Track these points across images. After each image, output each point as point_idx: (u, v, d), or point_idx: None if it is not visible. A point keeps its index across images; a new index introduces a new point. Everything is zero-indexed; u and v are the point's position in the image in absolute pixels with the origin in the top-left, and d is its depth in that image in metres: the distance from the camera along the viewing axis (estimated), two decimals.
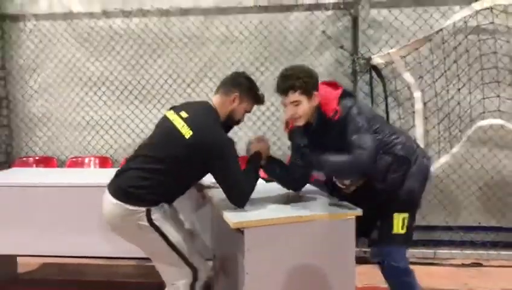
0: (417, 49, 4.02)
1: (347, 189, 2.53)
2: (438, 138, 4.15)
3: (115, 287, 3.74)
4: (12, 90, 4.88)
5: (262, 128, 4.52)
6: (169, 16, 4.57)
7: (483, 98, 4.08)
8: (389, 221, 2.51)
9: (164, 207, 2.49)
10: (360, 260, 3.78)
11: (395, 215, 2.50)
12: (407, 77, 4.05)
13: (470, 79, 4.08)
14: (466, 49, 4.05)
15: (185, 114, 2.49)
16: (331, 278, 2.37)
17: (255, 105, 2.67)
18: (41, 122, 4.87)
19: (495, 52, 4.02)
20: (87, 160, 4.74)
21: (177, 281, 2.50)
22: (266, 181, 3.03)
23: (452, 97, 4.12)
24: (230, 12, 4.49)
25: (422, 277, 2.68)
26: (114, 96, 4.73)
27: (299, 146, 2.66)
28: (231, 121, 2.61)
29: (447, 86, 4.11)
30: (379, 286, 3.48)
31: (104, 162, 4.69)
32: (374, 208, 2.59)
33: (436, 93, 4.13)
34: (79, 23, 4.70)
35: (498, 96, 4.07)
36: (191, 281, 2.50)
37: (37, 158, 4.81)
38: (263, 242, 2.26)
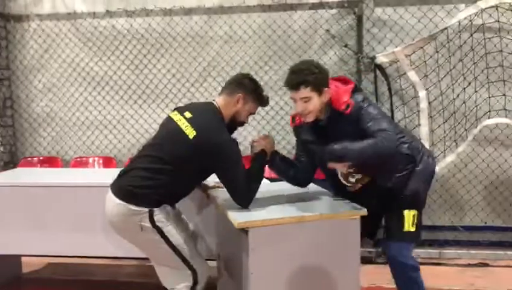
0: (422, 47, 3.99)
1: (352, 187, 2.52)
2: (444, 137, 4.12)
3: (119, 286, 3.74)
4: (16, 90, 4.90)
5: (266, 127, 4.50)
6: (172, 16, 4.57)
7: (489, 97, 4.05)
8: (399, 218, 2.50)
9: (167, 208, 2.48)
10: (365, 260, 3.78)
11: (406, 212, 2.49)
12: (412, 76, 4.02)
13: (476, 78, 4.06)
14: (471, 47, 4.02)
15: (189, 114, 2.48)
16: (336, 278, 2.37)
17: (259, 107, 2.66)
18: (45, 122, 4.88)
19: (501, 50, 3.99)
20: (91, 160, 4.75)
21: (177, 284, 2.50)
22: (271, 181, 3.02)
23: (457, 96, 4.10)
24: (233, 11, 4.48)
25: (427, 277, 2.66)
26: (118, 96, 4.74)
27: (306, 141, 2.63)
28: (235, 122, 2.59)
29: (452, 85, 4.09)
30: (384, 286, 3.48)
31: (108, 162, 4.70)
32: (379, 208, 2.57)
33: (441, 92, 4.10)
34: (83, 23, 4.71)
35: (504, 94, 4.04)
36: (192, 284, 2.49)
37: (42, 158, 4.83)
38: (268, 242, 2.26)
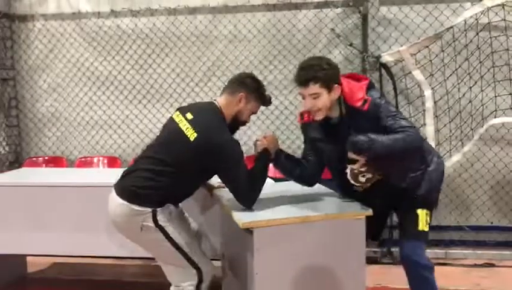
0: (427, 46, 3.97)
1: (361, 187, 2.46)
2: (449, 137, 4.10)
3: (124, 286, 3.74)
4: (21, 90, 4.92)
5: (271, 127, 4.49)
6: (177, 15, 4.57)
7: (495, 96, 4.03)
8: (413, 218, 2.46)
9: (170, 208, 2.48)
10: (370, 260, 3.77)
11: (419, 211, 2.46)
12: (417, 75, 3.99)
13: (482, 76, 4.03)
14: (477, 46, 3.99)
15: (190, 116, 2.47)
16: (341, 278, 2.36)
17: (262, 106, 2.64)
18: (50, 122, 4.90)
19: (507, 49, 3.97)
20: (96, 160, 4.75)
21: (182, 282, 2.50)
22: (276, 181, 3.01)
23: (463, 95, 4.07)
24: (238, 10, 4.47)
25: None
26: (122, 95, 4.74)
27: (314, 139, 2.58)
28: (237, 122, 2.58)
29: (458, 84, 4.06)
30: (389, 286, 3.46)
31: (113, 162, 4.70)
32: (385, 208, 2.55)
33: (447, 91, 4.08)
34: (87, 22, 4.72)
35: (510, 94, 4.02)
36: (196, 282, 2.49)
37: (47, 158, 4.84)
38: (272, 242, 2.25)
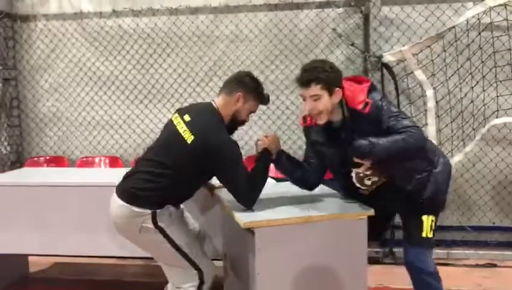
0: (429, 46, 3.96)
1: (367, 190, 2.44)
2: (451, 137, 4.09)
3: (125, 286, 3.74)
4: (23, 90, 4.92)
5: (272, 127, 4.49)
6: (178, 15, 4.57)
7: (497, 96, 4.02)
8: (418, 224, 2.44)
9: (170, 209, 2.48)
10: (372, 260, 3.76)
11: (424, 218, 2.43)
12: (419, 75, 3.99)
13: (484, 76, 4.03)
14: (479, 46, 3.99)
15: (188, 117, 2.46)
16: (343, 278, 2.35)
17: (260, 105, 2.62)
18: (52, 122, 4.90)
19: (509, 49, 3.96)
20: (97, 160, 4.75)
21: (183, 284, 2.49)
22: (277, 181, 3.00)
23: (465, 95, 4.07)
24: (240, 10, 4.47)
25: None
26: (124, 95, 4.74)
27: (316, 142, 2.57)
28: (236, 122, 2.56)
29: (460, 84, 4.06)
30: (391, 286, 3.46)
31: (114, 162, 4.70)
32: (389, 209, 2.54)
33: (448, 91, 4.08)
34: (89, 22, 4.72)
35: None
36: (198, 284, 2.49)
37: (48, 158, 4.83)
38: (274, 242, 2.25)
